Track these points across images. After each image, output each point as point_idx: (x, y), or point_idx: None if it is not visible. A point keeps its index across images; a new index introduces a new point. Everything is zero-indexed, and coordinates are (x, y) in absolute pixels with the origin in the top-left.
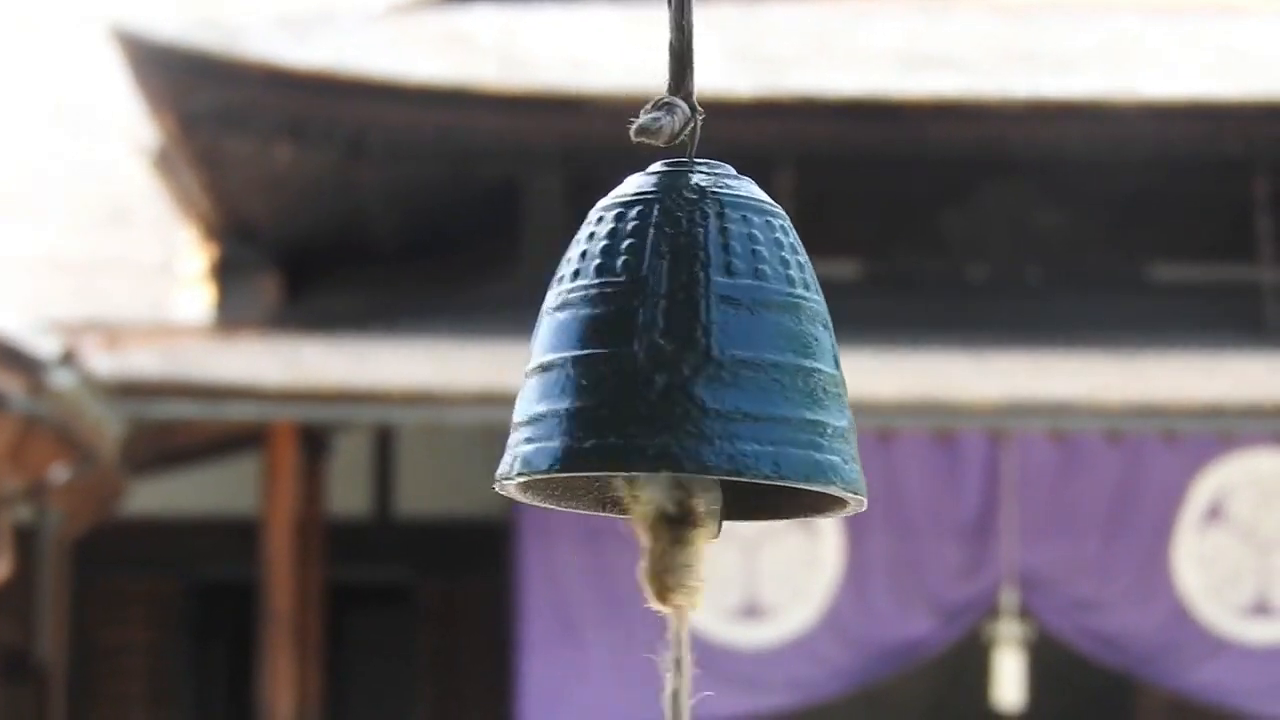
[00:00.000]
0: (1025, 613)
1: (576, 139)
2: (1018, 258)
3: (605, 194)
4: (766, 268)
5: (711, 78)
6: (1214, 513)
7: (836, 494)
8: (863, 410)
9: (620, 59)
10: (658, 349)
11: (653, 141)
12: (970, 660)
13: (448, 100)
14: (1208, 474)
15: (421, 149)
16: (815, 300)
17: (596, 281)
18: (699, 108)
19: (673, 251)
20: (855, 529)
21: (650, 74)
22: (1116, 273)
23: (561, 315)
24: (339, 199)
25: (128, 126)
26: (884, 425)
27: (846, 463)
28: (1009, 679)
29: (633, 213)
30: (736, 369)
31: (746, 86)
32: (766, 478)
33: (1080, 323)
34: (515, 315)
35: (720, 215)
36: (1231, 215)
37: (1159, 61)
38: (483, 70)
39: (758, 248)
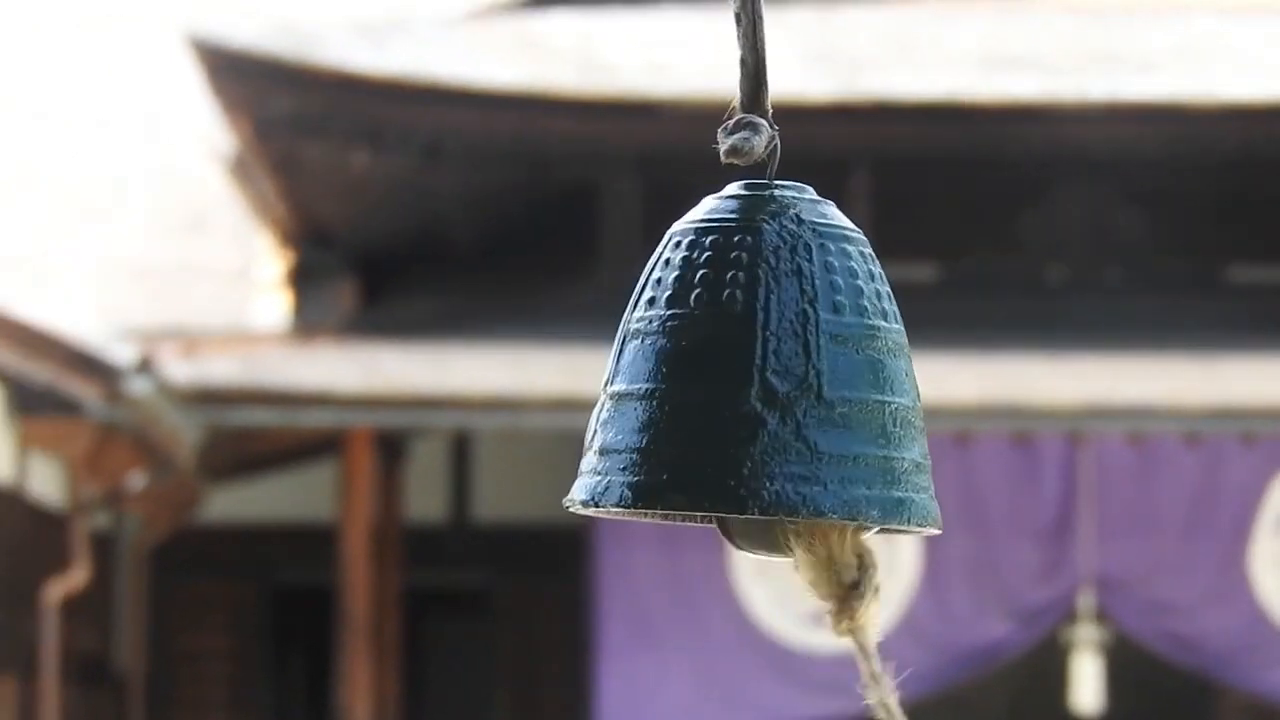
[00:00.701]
0: (1103, 615)
1: (653, 143)
2: (1095, 260)
3: (682, 199)
4: (865, 302)
5: (788, 80)
6: None
7: (924, 532)
8: (941, 413)
9: (697, 63)
10: (770, 389)
11: (741, 162)
12: (1048, 663)
13: (524, 105)
14: None
15: (498, 154)
16: (900, 330)
17: (695, 311)
18: (775, 124)
19: (780, 285)
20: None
21: (727, 78)
22: (1194, 275)
23: (654, 341)
24: (415, 204)
25: (204, 133)
26: (962, 428)
27: (930, 499)
28: (1087, 682)
29: (730, 240)
30: (846, 409)
31: (823, 89)
32: (873, 522)
33: (1158, 325)
34: (592, 320)
35: (821, 247)
36: None
37: (1237, 62)
38: (559, 75)
39: (857, 282)
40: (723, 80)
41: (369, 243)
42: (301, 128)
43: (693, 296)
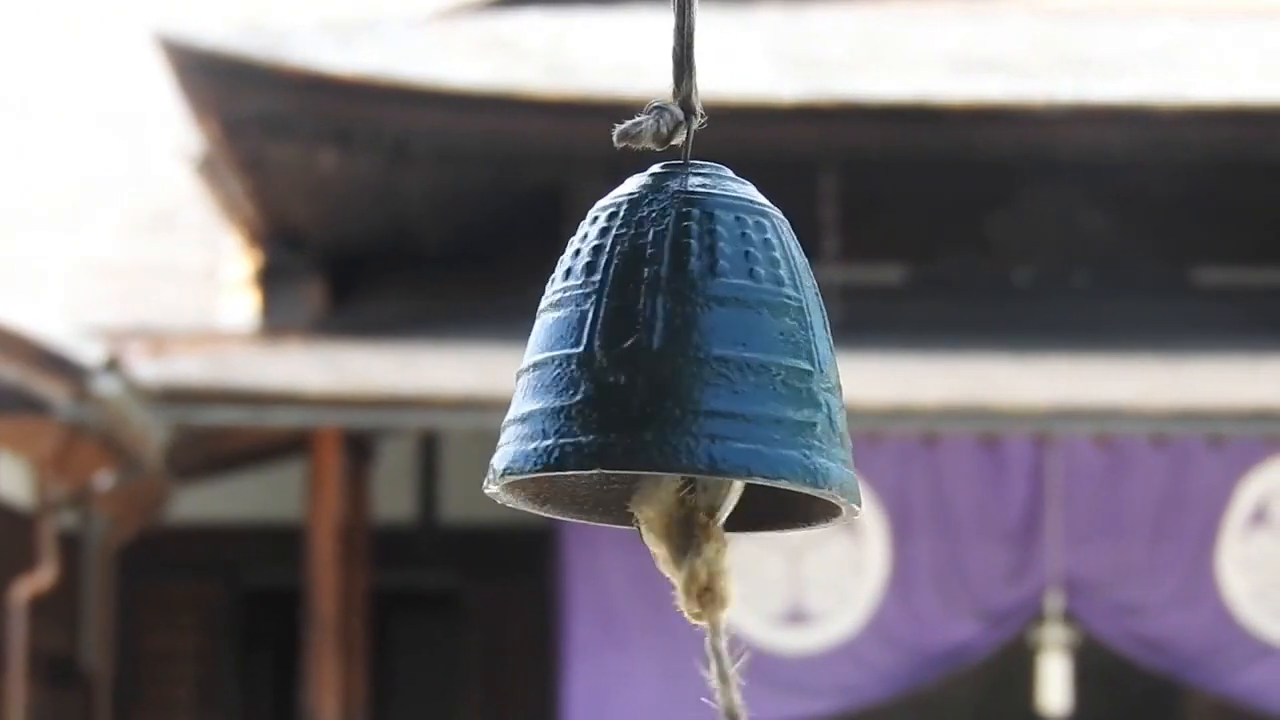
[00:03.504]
0: (1070, 617)
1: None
2: (1063, 261)
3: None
4: (726, 263)
5: (757, 82)
6: (1259, 517)
7: (814, 493)
8: (908, 414)
9: (667, 64)
10: (639, 349)
11: (635, 145)
12: (1016, 665)
13: (492, 105)
14: (1253, 478)
15: (466, 154)
16: (789, 296)
17: (580, 281)
18: (698, 110)
19: (626, 251)
20: (900, 534)
21: (698, 80)
22: (1162, 276)
23: (549, 315)
24: (383, 205)
25: (173, 133)
26: (929, 429)
27: (809, 458)
28: (1054, 683)
29: (605, 216)
30: (717, 367)
31: (792, 91)
32: (740, 475)
33: (1126, 326)
34: None
35: (684, 214)
36: (1277, 218)
37: (1206, 65)
38: (528, 75)
39: (720, 244)
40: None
41: (337, 243)
42: (270, 128)
43: (581, 268)
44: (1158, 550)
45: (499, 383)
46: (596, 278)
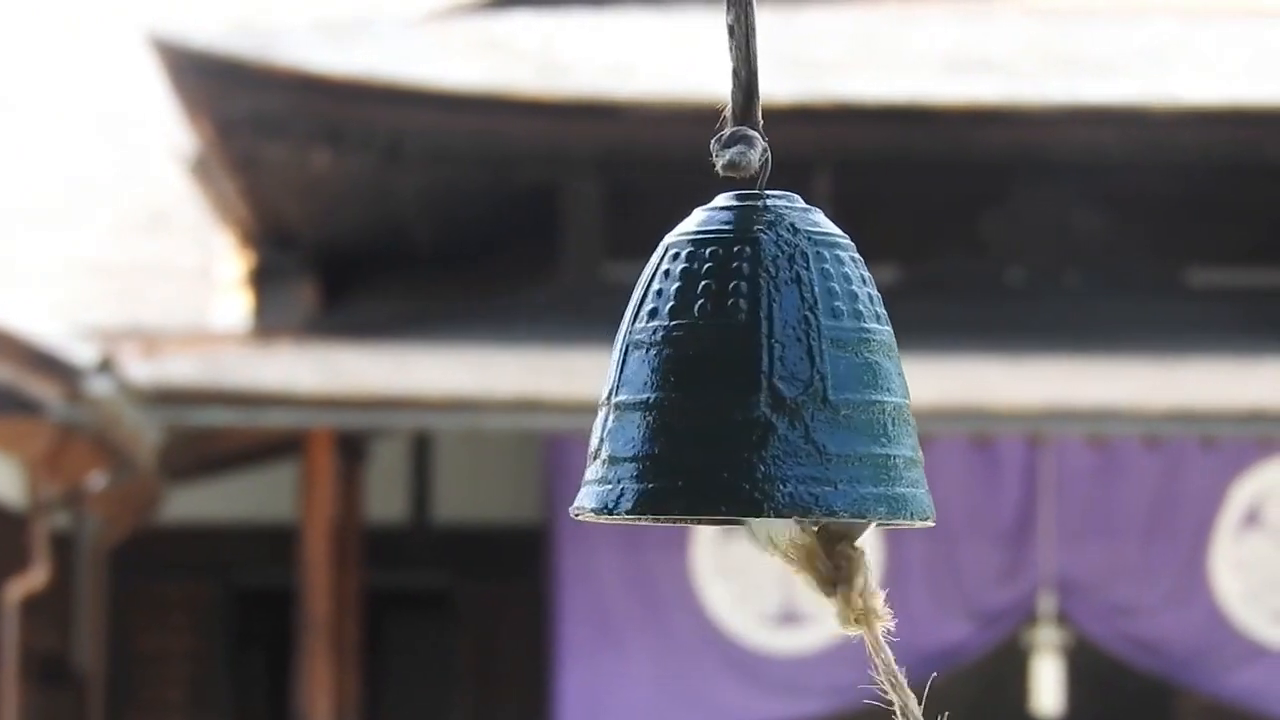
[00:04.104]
0: (1063, 618)
1: (614, 144)
2: (1056, 262)
3: (644, 200)
4: (860, 306)
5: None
6: (1252, 518)
7: (925, 525)
8: None
9: (658, 64)
10: (778, 394)
11: (739, 176)
12: (1009, 665)
13: (485, 106)
14: (1246, 479)
15: (459, 155)
16: (889, 331)
17: (699, 321)
18: (765, 136)
19: (781, 294)
20: (892, 534)
21: (689, 80)
22: (1155, 277)
23: (658, 351)
24: (376, 205)
25: (166, 133)
26: (922, 430)
27: (925, 493)
28: (1047, 684)
29: (729, 250)
30: (848, 411)
31: (785, 92)
32: (883, 520)
33: (1119, 327)
34: (553, 321)
35: (817, 255)
36: (1270, 220)
37: (1199, 66)
38: (520, 76)
39: (852, 287)
40: (684, 81)
41: (330, 243)
42: (263, 128)
43: (696, 307)
44: (1150, 551)
45: (492, 383)
46: (732, 320)
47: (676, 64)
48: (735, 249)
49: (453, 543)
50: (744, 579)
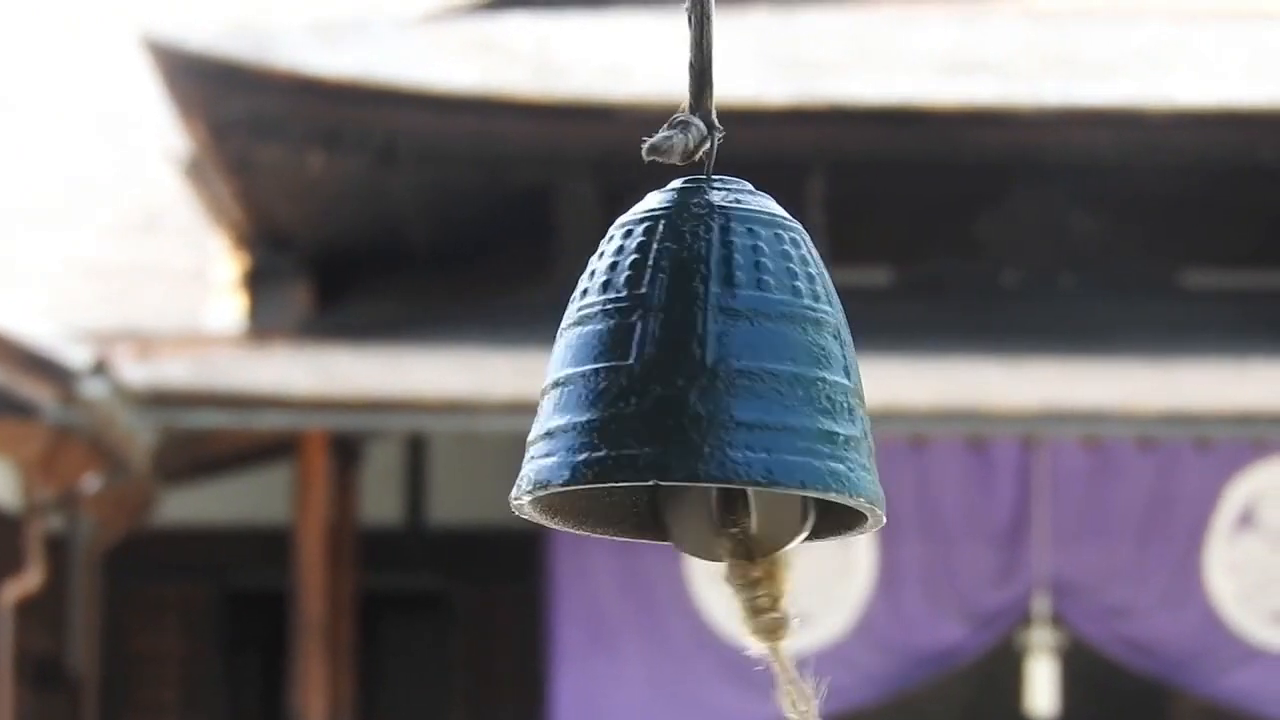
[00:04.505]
0: (1058, 619)
1: (609, 146)
2: (1051, 264)
3: (637, 202)
4: (771, 279)
5: (746, 84)
6: (1246, 520)
7: (839, 500)
8: (895, 417)
9: (653, 66)
10: (652, 360)
11: (665, 160)
12: (1003, 667)
13: (480, 107)
14: (1240, 481)
15: (454, 156)
16: (825, 311)
17: (602, 299)
18: (718, 125)
19: (673, 266)
20: (887, 536)
21: (684, 82)
22: (1150, 279)
23: (572, 333)
24: (371, 207)
25: (161, 134)
26: (916, 432)
27: (853, 470)
28: (1042, 686)
29: (641, 229)
30: (733, 378)
31: (780, 93)
32: (758, 484)
33: (1113, 329)
34: (548, 323)
35: (725, 229)
36: (1265, 221)
37: (1194, 67)
38: (515, 77)
39: (763, 259)
40: (680, 83)
41: (324, 245)
42: (257, 129)
43: (600, 285)
44: (1145, 553)
45: (487, 385)
46: (642, 291)
47: (672, 66)
48: (644, 227)
49: (448, 545)
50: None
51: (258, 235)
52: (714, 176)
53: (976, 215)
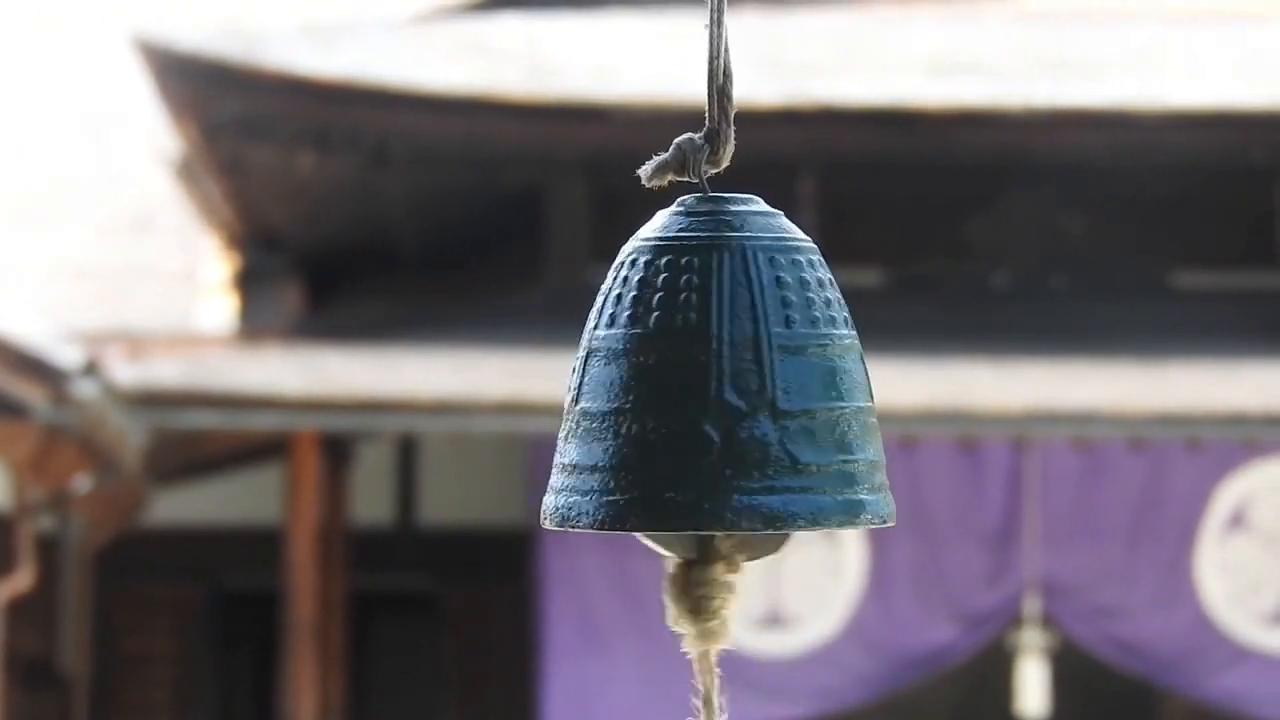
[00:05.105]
0: (1048, 620)
1: (601, 147)
2: (1042, 265)
3: (630, 204)
4: (815, 312)
5: (736, 85)
6: (1236, 521)
7: (881, 526)
8: (886, 418)
9: (645, 67)
10: (727, 407)
11: (661, 184)
12: (994, 668)
13: (471, 109)
14: (1231, 482)
15: (445, 157)
16: (851, 334)
17: (653, 331)
18: (728, 139)
19: (732, 303)
20: (878, 537)
21: (675, 82)
22: (1140, 280)
23: (617, 361)
24: (362, 208)
25: (151, 135)
26: (907, 433)
27: (875, 494)
28: (1032, 686)
29: (682, 258)
30: (802, 420)
31: (771, 94)
32: (835, 526)
33: (1104, 330)
34: (539, 325)
35: (771, 262)
36: (1256, 222)
37: (1184, 69)
38: (507, 79)
39: (807, 293)
40: (671, 84)
41: (316, 246)
42: (248, 130)
43: (652, 318)
44: (1135, 554)
45: (478, 386)
46: (682, 329)
47: (663, 67)
48: (686, 258)
49: (438, 546)
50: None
51: (249, 236)
52: (726, 196)
53: (967, 216)
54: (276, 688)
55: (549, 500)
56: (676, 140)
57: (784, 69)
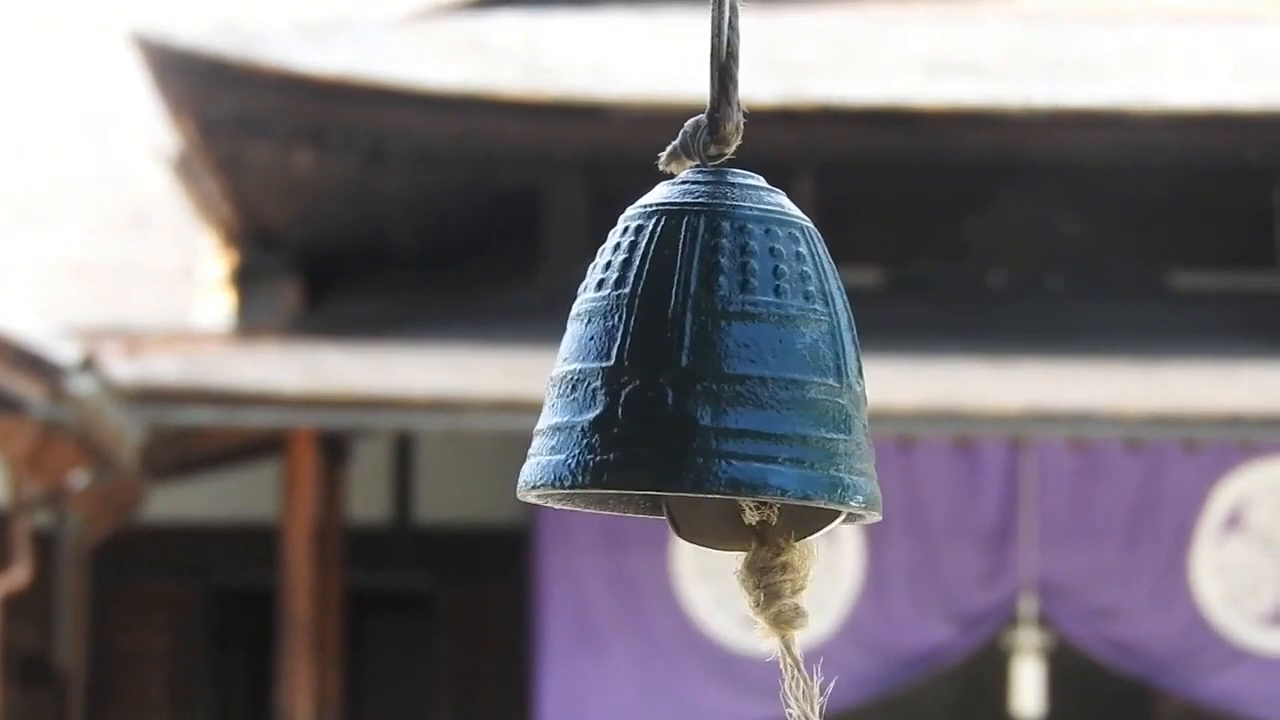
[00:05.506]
0: (1044, 620)
1: (597, 145)
2: (1038, 265)
3: (627, 201)
4: (784, 283)
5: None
6: (1233, 521)
7: (841, 509)
8: (883, 418)
9: (642, 65)
10: (668, 366)
11: (674, 168)
12: (989, 668)
13: (468, 106)
14: (1227, 483)
15: (441, 155)
16: (830, 312)
17: (610, 293)
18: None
19: (686, 266)
20: (874, 537)
21: (673, 80)
22: (1137, 280)
23: (579, 325)
24: (359, 205)
25: (148, 132)
26: (904, 433)
27: (854, 477)
28: (1028, 686)
29: (650, 225)
30: (746, 385)
31: (768, 94)
32: (769, 496)
33: (1100, 330)
34: (535, 322)
35: (741, 230)
36: (1252, 223)
37: (1181, 69)
38: (503, 76)
39: (777, 263)
40: (668, 82)
41: (313, 243)
42: (246, 127)
43: (612, 280)
44: (1131, 554)
45: (474, 384)
46: (626, 290)
47: (660, 65)
48: (655, 222)
49: (434, 543)
50: (725, 581)
51: (246, 233)
52: (726, 170)
53: (965, 216)
54: (273, 685)
55: (525, 465)
56: (690, 121)
57: (781, 69)
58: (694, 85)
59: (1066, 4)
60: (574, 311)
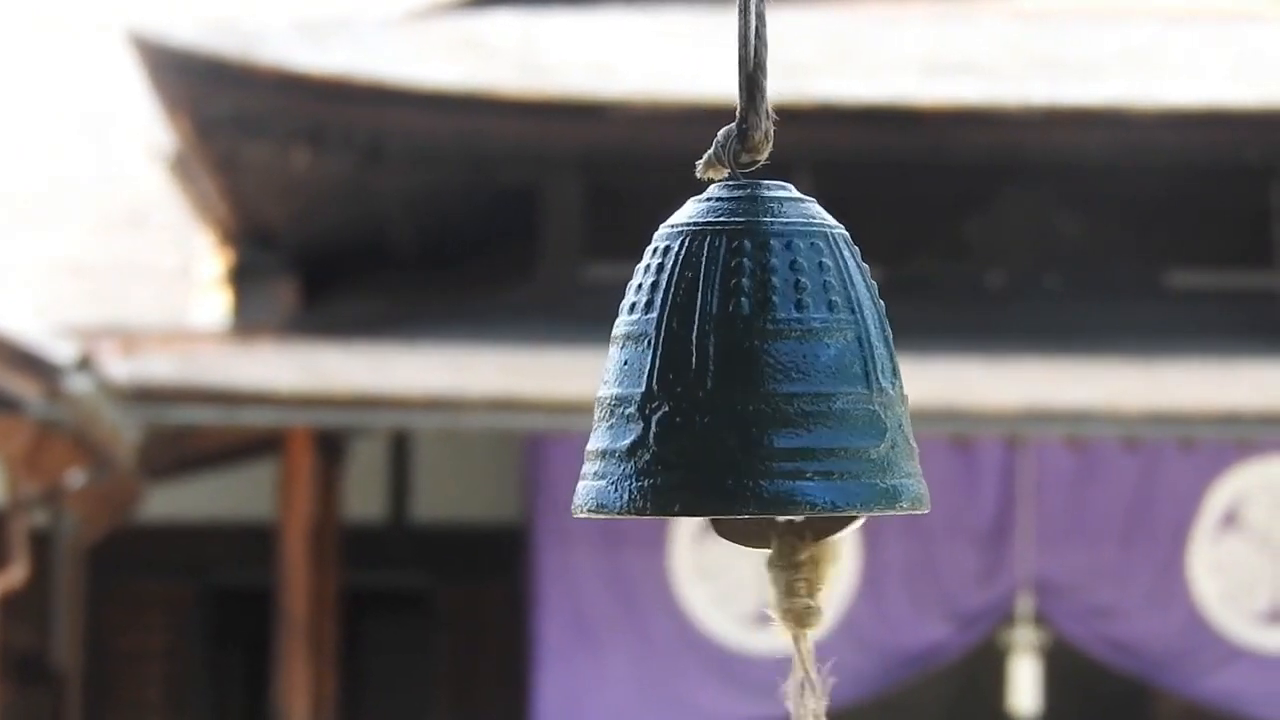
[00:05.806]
0: (1041, 619)
1: (596, 145)
2: (1037, 264)
3: (625, 201)
4: (806, 296)
5: (730, 84)
6: (1230, 520)
7: (887, 514)
8: None
9: (641, 64)
10: (696, 390)
11: (714, 177)
12: (986, 666)
13: (466, 106)
14: (1224, 481)
15: (439, 155)
16: (857, 319)
17: (642, 317)
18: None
19: (708, 289)
20: (871, 535)
21: (672, 80)
22: (1135, 279)
23: (617, 349)
24: (356, 204)
25: (145, 131)
26: None
27: (889, 482)
28: (1025, 685)
29: (676, 246)
30: (775, 404)
31: (766, 92)
32: (800, 511)
33: (1098, 329)
34: (533, 322)
35: (763, 247)
36: (1250, 222)
37: (1180, 68)
38: (501, 75)
39: (799, 277)
40: (667, 81)
41: (310, 242)
42: (242, 126)
43: (659, 301)
44: (1128, 553)
45: (471, 383)
46: (654, 315)
47: (659, 64)
48: (666, 246)
49: (432, 542)
50: (723, 580)
51: (243, 232)
52: (759, 181)
53: (963, 215)
54: (269, 684)
55: (581, 486)
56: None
57: (779, 67)
58: (693, 84)
59: (1065, 3)
60: (613, 333)
